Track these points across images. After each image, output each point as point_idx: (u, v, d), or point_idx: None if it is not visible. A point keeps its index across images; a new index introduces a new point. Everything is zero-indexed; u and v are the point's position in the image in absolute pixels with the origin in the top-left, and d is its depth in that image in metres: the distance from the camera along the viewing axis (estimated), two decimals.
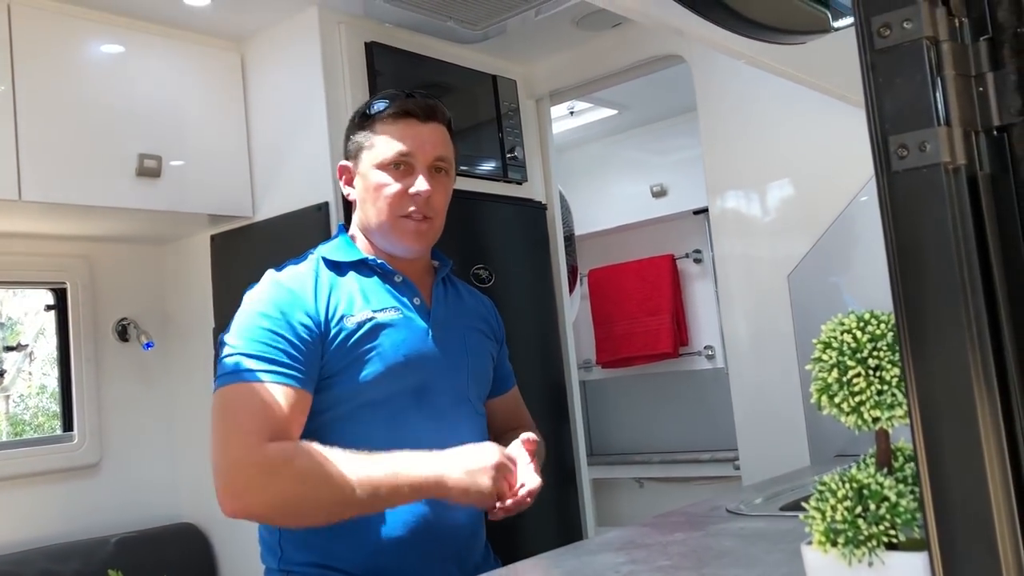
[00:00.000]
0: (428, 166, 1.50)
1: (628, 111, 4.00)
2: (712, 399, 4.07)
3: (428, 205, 1.50)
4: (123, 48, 2.47)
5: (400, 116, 1.51)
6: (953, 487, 0.67)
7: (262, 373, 1.34)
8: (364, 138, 1.53)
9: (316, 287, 1.45)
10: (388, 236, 1.52)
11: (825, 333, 0.81)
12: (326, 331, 1.42)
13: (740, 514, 1.63)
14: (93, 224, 2.63)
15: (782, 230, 2.55)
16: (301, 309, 1.41)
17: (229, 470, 1.31)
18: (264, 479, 1.29)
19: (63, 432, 2.76)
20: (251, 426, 1.31)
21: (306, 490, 1.30)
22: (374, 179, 1.50)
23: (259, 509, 1.32)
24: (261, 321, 1.39)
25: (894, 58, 0.68)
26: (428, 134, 1.51)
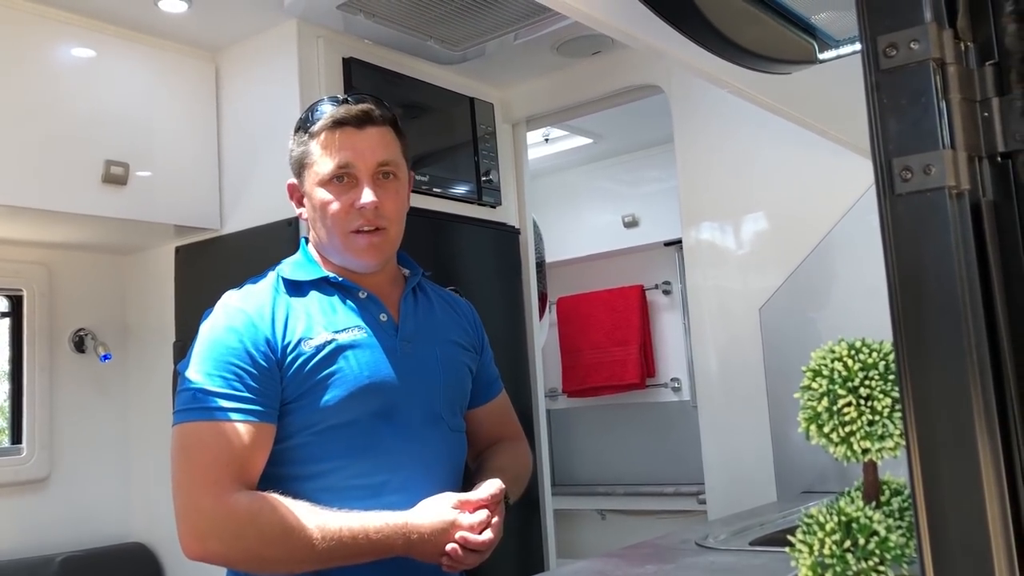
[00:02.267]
0: (371, 175, 1.43)
1: (603, 140, 4.00)
2: (677, 432, 4.06)
3: (378, 215, 1.43)
4: (95, 52, 2.42)
5: (335, 127, 1.43)
6: (951, 520, 0.64)
7: (222, 411, 1.29)
8: (303, 154, 1.46)
9: (273, 311, 1.39)
10: (342, 254, 1.45)
11: (815, 360, 0.79)
12: (283, 358, 1.36)
13: (709, 548, 1.60)
14: (54, 230, 2.56)
15: (755, 263, 2.55)
16: (260, 336, 1.35)
17: (194, 518, 1.27)
18: (229, 533, 1.27)
19: (11, 444, 2.67)
20: (215, 472, 1.27)
21: (270, 551, 1.27)
22: (318, 197, 1.43)
23: (222, 560, 1.30)
24: (218, 352, 1.33)
25: (900, 79, 0.66)
26: (366, 141, 1.43)
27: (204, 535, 1.26)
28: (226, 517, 1.26)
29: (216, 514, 1.26)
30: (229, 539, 1.26)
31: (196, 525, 1.26)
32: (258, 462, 1.31)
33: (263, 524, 1.26)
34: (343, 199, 1.41)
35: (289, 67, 2.43)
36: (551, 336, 4.40)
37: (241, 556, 1.28)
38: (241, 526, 1.26)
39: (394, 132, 1.48)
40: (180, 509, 1.28)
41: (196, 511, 1.26)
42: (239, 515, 1.26)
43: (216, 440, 1.28)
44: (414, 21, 2.43)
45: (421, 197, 2.61)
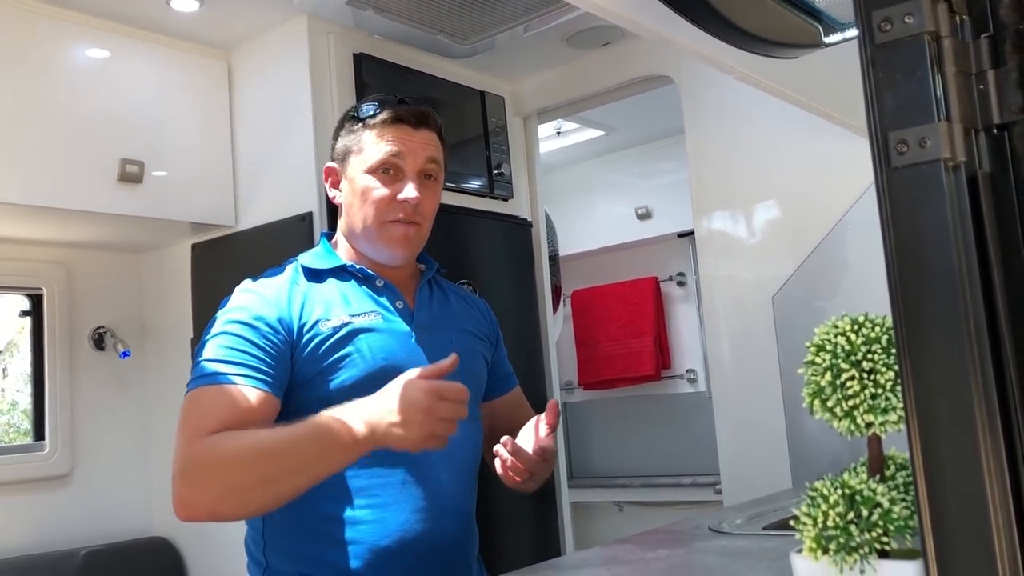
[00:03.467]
0: (418, 172, 1.48)
1: (615, 133, 4.00)
2: (694, 423, 4.06)
3: (416, 211, 1.48)
4: (109, 53, 2.45)
5: (391, 122, 1.48)
6: (950, 491, 0.65)
7: (222, 375, 1.31)
8: (353, 142, 1.50)
9: (291, 293, 1.42)
10: (374, 242, 1.49)
11: (818, 335, 0.80)
12: (298, 337, 1.39)
13: (723, 532, 1.61)
14: (72, 229, 2.59)
15: (767, 251, 2.55)
16: (272, 314, 1.38)
17: (174, 477, 1.27)
18: (197, 475, 1.25)
19: (34, 441, 2.71)
20: (195, 428, 1.27)
21: (241, 472, 1.24)
22: (362, 183, 1.48)
23: (202, 508, 1.26)
24: (228, 327, 1.36)
25: (895, 53, 0.67)
26: (419, 140, 1.49)
27: (181, 488, 1.25)
28: (191, 460, 1.25)
29: (184, 463, 1.25)
30: (198, 479, 1.24)
31: (174, 481, 1.25)
32: (252, 424, 1.29)
33: (223, 451, 1.24)
34: (387, 189, 1.46)
35: (300, 64, 2.45)
36: (566, 329, 4.40)
37: (214, 492, 1.25)
38: (204, 462, 1.24)
39: (440, 139, 1.54)
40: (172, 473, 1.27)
41: (174, 471, 1.26)
42: (202, 453, 1.24)
43: (209, 400, 1.29)
44: (423, 15, 2.44)
45: None
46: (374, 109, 1.49)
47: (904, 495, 0.79)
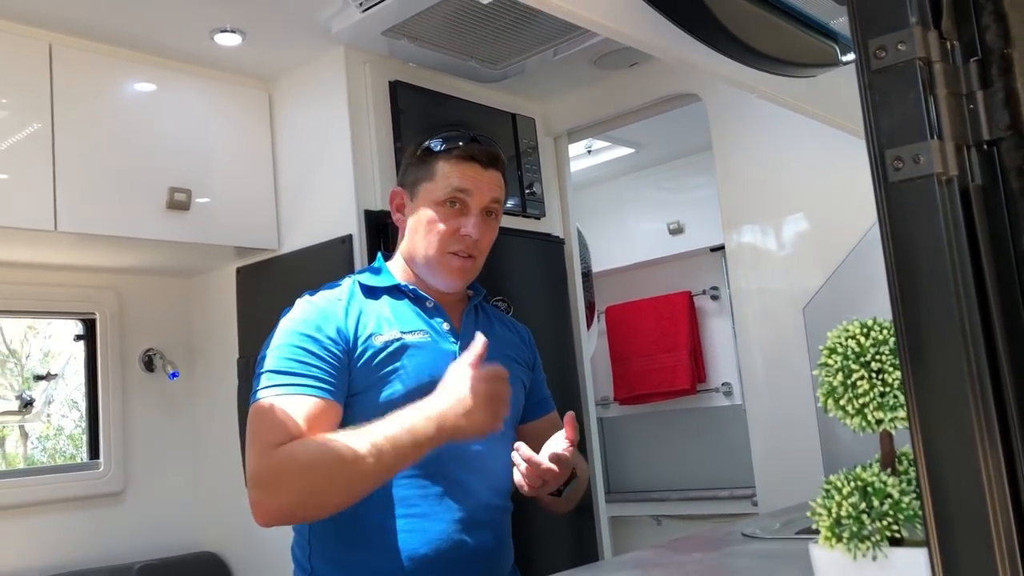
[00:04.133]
0: (481, 209, 1.57)
1: (645, 150, 4.07)
2: (730, 436, 4.08)
3: (475, 246, 1.57)
4: (156, 86, 2.56)
5: (464, 159, 1.57)
6: (949, 482, 0.70)
7: (287, 387, 1.39)
8: (424, 172, 1.58)
9: (348, 307, 1.51)
10: (433, 269, 1.58)
11: (831, 339, 0.86)
12: (354, 347, 1.47)
13: (755, 537, 1.65)
14: (123, 255, 2.71)
15: (797, 264, 2.59)
16: (331, 326, 1.47)
17: (249, 484, 1.35)
18: (276, 481, 1.33)
19: (89, 460, 2.82)
20: (268, 436, 1.36)
21: (315, 478, 1.33)
22: (428, 214, 1.56)
23: (282, 512, 1.35)
24: (290, 339, 1.45)
25: (889, 77, 0.73)
26: (487, 180, 1.58)
27: (259, 495, 1.33)
28: (268, 466, 1.33)
29: (265, 468, 1.34)
30: (278, 484, 1.33)
31: (253, 487, 1.34)
32: (319, 430, 1.37)
33: (301, 457, 1.32)
34: (451, 223, 1.55)
35: (338, 92, 2.55)
36: (601, 345, 4.46)
37: (294, 496, 1.33)
38: (284, 468, 1.32)
39: (504, 179, 1.63)
40: (246, 481, 1.36)
41: (251, 474, 1.35)
42: (281, 460, 1.33)
43: (273, 411, 1.37)
44: (455, 43, 2.53)
45: None
46: (449, 144, 1.57)
47: (915, 488, 0.84)
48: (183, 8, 2.31)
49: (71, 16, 2.32)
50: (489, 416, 1.35)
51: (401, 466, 1.35)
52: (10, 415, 3.15)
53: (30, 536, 2.58)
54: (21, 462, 4.76)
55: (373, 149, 2.53)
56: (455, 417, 1.34)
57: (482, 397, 1.34)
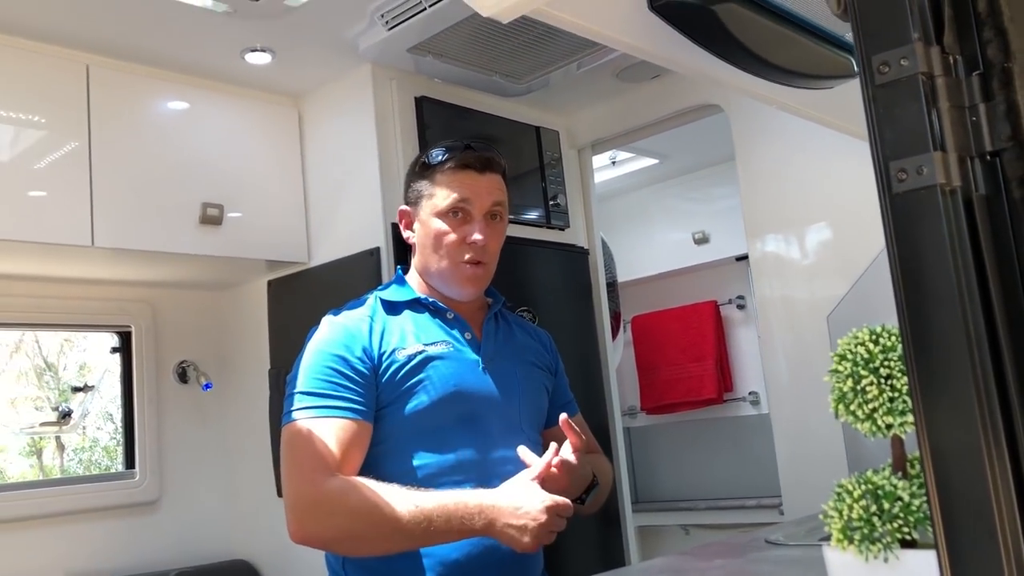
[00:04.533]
0: (484, 214, 1.60)
1: (669, 160, 4.09)
2: (757, 445, 4.07)
3: (484, 251, 1.60)
4: (189, 105, 2.63)
5: (459, 168, 1.61)
6: (957, 490, 0.72)
7: (321, 409, 1.45)
8: (424, 187, 1.63)
9: (371, 324, 1.56)
10: (447, 280, 1.62)
11: (841, 346, 0.88)
12: (379, 364, 1.52)
13: (778, 544, 1.67)
14: (158, 270, 2.77)
15: (821, 272, 2.60)
16: (357, 345, 1.51)
17: (293, 505, 1.42)
18: (322, 515, 1.41)
19: (125, 469, 2.88)
20: (311, 462, 1.42)
21: (360, 525, 1.40)
22: (434, 227, 1.60)
23: (319, 541, 1.44)
24: (320, 359, 1.50)
25: (893, 92, 0.75)
26: (485, 184, 1.61)
27: (302, 518, 1.40)
28: (320, 499, 1.40)
29: (312, 497, 1.40)
30: (323, 518, 1.40)
31: (295, 510, 1.40)
32: (355, 455, 1.45)
33: (352, 502, 1.39)
34: (457, 232, 1.59)
35: (366, 108, 2.61)
36: (627, 354, 4.47)
37: (334, 533, 1.41)
38: (333, 505, 1.39)
39: (504, 180, 1.66)
40: (285, 499, 1.42)
41: (295, 497, 1.41)
42: (331, 496, 1.39)
43: (312, 436, 1.42)
44: (479, 59, 2.57)
45: None
46: (442, 155, 1.62)
47: (926, 491, 0.86)
48: (215, 29, 2.38)
49: (107, 38, 2.39)
50: (537, 542, 1.40)
51: (438, 542, 1.42)
52: (49, 426, 3.23)
53: (68, 544, 2.65)
54: (58, 473, 4.86)
55: (400, 163, 2.58)
56: (505, 526, 1.40)
57: (540, 525, 1.40)
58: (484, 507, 1.40)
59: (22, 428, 3.97)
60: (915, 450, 0.95)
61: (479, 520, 1.39)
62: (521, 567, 1.57)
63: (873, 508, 0.82)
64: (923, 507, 0.82)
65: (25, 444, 4.60)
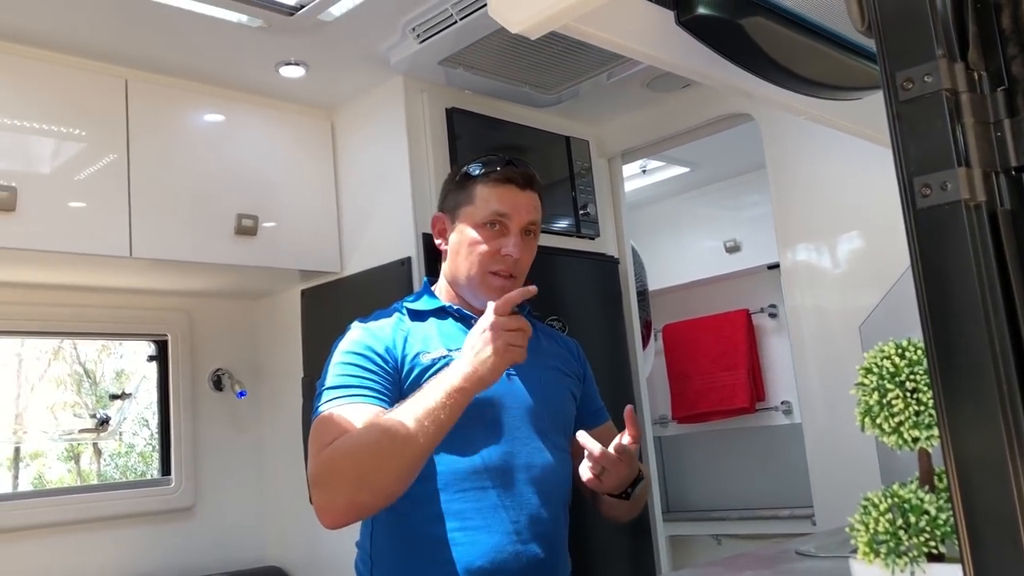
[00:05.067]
0: (520, 229, 1.62)
1: (700, 169, 4.08)
2: (790, 455, 4.04)
3: (515, 265, 1.62)
4: (224, 117, 2.68)
5: (501, 181, 1.63)
6: (982, 504, 0.72)
7: (344, 397, 1.47)
8: (464, 197, 1.65)
9: (395, 330, 1.59)
10: (475, 289, 1.63)
11: (867, 359, 0.88)
12: (402, 366, 1.54)
13: (809, 555, 1.66)
14: (194, 279, 2.82)
15: (853, 282, 2.59)
16: (380, 346, 1.54)
17: (312, 480, 1.43)
18: (328, 474, 1.40)
19: (161, 476, 2.93)
20: (324, 440, 1.43)
21: (363, 457, 1.38)
22: (469, 236, 1.62)
23: (341, 505, 1.40)
24: (344, 358, 1.53)
25: (917, 108, 0.76)
26: (524, 201, 1.63)
27: (318, 496, 1.40)
28: (320, 464, 1.40)
29: (316, 471, 1.41)
30: (329, 479, 1.39)
31: (313, 493, 1.41)
32: None
33: (346, 444, 1.39)
34: (492, 243, 1.60)
35: (397, 120, 2.64)
36: (658, 363, 4.46)
37: (348, 487, 1.39)
38: (334, 459, 1.39)
39: (540, 201, 1.68)
40: (309, 480, 1.43)
41: (310, 477, 1.42)
42: (330, 453, 1.40)
43: (337, 417, 1.44)
44: (510, 70, 2.59)
45: None
46: (485, 168, 1.63)
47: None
48: (250, 43, 2.42)
49: (145, 53, 2.45)
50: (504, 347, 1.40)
51: (444, 427, 1.39)
52: (87, 432, 3.29)
53: (106, 549, 2.70)
54: (95, 478, 4.94)
55: (431, 174, 2.61)
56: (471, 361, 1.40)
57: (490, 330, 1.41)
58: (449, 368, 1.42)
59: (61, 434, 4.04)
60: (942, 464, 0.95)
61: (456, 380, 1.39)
62: (546, 572, 1.57)
63: (899, 521, 0.82)
64: (950, 521, 0.82)
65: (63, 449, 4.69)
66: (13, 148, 2.26)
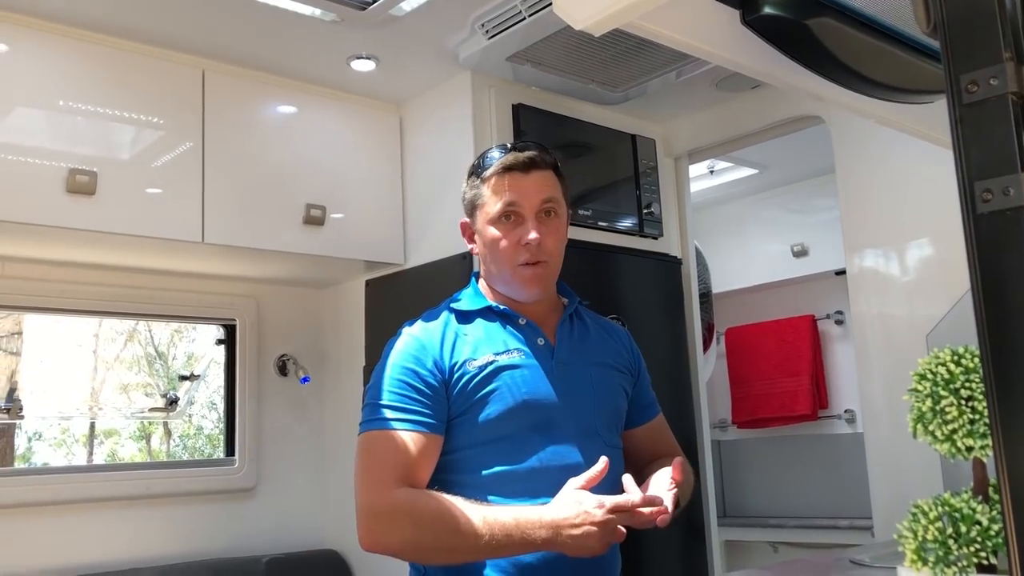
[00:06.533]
0: (535, 213, 1.61)
1: (769, 171, 4.02)
2: (851, 464, 3.97)
3: (541, 250, 1.60)
4: (296, 109, 2.74)
5: (503, 171, 1.62)
6: None
7: (394, 421, 1.50)
8: (476, 196, 1.66)
9: (443, 337, 1.59)
10: (510, 285, 1.64)
11: (921, 365, 0.87)
12: (450, 377, 1.55)
13: (862, 565, 1.64)
14: (263, 266, 2.90)
15: (921, 290, 2.53)
16: (429, 358, 1.55)
17: (362, 513, 1.47)
18: (389, 524, 1.45)
19: (226, 456, 3.01)
20: (382, 473, 1.47)
21: (424, 536, 1.44)
22: (489, 235, 1.62)
23: (386, 549, 1.47)
24: (395, 372, 1.55)
25: (981, 112, 0.75)
26: (530, 183, 1.61)
27: (370, 527, 1.45)
28: (385, 509, 1.44)
29: (378, 507, 1.45)
30: (388, 528, 1.44)
31: (364, 518, 1.45)
32: (424, 466, 1.49)
33: (417, 513, 1.43)
34: (511, 236, 1.60)
35: (464, 115, 2.67)
36: (719, 367, 4.42)
37: (399, 544, 1.45)
38: (397, 516, 1.44)
39: (555, 175, 1.66)
40: (357, 507, 1.48)
41: (365, 506, 1.46)
42: (396, 507, 1.44)
43: (386, 445, 1.48)
44: (577, 67, 2.60)
45: (585, 231, 2.76)
46: (487, 163, 1.64)
47: None
48: (323, 37, 2.48)
49: (223, 45, 2.52)
50: (602, 544, 1.40)
51: (502, 555, 1.44)
52: (157, 411, 3.41)
53: (169, 524, 2.79)
54: (164, 458, 5.11)
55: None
56: (568, 535, 1.40)
57: (601, 523, 1.39)
58: (544, 519, 1.41)
59: (132, 412, 4.19)
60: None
61: (540, 532, 1.40)
62: (596, 571, 1.58)
63: (949, 530, 0.81)
64: (1002, 532, 0.81)
65: (135, 429, 4.86)
66: (95, 134, 2.36)
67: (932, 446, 0.85)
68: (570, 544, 1.40)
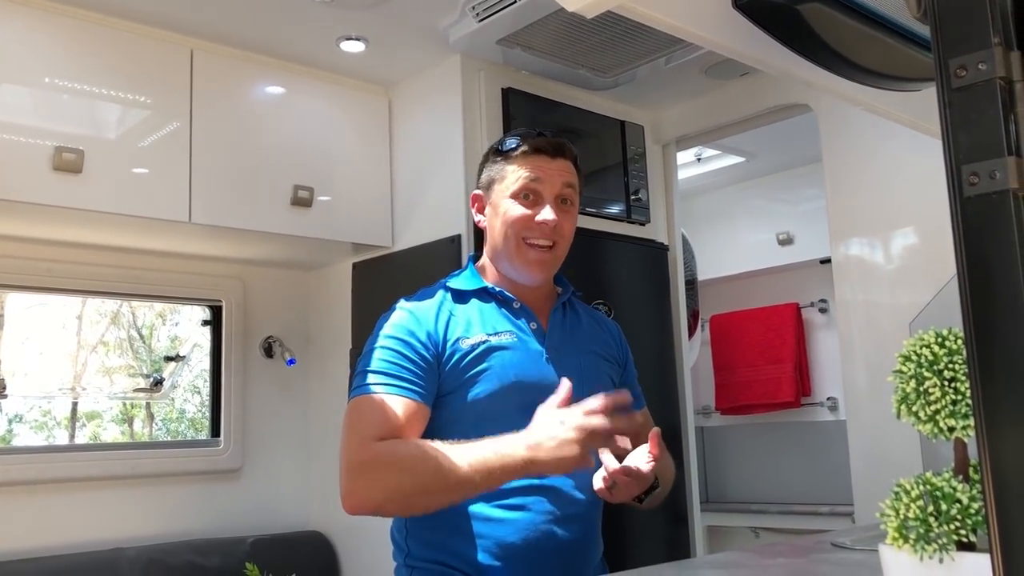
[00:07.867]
0: (555, 196, 1.63)
1: (756, 159, 4.04)
2: (833, 451, 4.00)
3: (555, 231, 1.62)
4: (285, 90, 2.73)
5: (531, 153, 1.64)
6: (1014, 495, 0.72)
7: (382, 386, 1.49)
8: (497, 171, 1.67)
9: (438, 313, 1.60)
10: (513, 262, 1.64)
11: (906, 347, 0.88)
12: (443, 352, 1.56)
13: (843, 547, 1.66)
14: (249, 248, 2.89)
15: (905, 278, 2.55)
16: (423, 331, 1.56)
17: (345, 470, 1.45)
18: (372, 474, 1.43)
19: (211, 437, 3.01)
20: (366, 430, 1.46)
21: (408, 479, 1.42)
22: (504, 207, 1.64)
23: (371, 502, 1.44)
24: (386, 342, 1.55)
25: (969, 96, 0.76)
26: (555, 168, 1.64)
27: (353, 483, 1.42)
28: (368, 458, 1.43)
29: (362, 458, 1.43)
30: (372, 477, 1.42)
31: (348, 473, 1.43)
32: (411, 429, 1.47)
33: (398, 457, 1.42)
34: (527, 210, 1.61)
35: (453, 98, 2.67)
36: (704, 353, 4.44)
37: (383, 493, 1.42)
38: (380, 463, 1.42)
39: (576, 168, 1.68)
40: (340, 468, 1.45)
41: (348, 461, 1.44)
42: (379, 455, 1.42)
43: (373, 406, 1.46)
44: (568, 52, 2.60)
45: None
46: (515, 142, 1.65)
47: None
48: (312, 17, 2.46)
49: (211, 24, 2.50)
50: (582, 450, 1.39)
51: (488, 487, 1.42)
52: (141, 392, 3.39)
53: (154, 505, 2.79)
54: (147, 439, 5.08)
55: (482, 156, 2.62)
56: (547, 449, 1.39)
57: (576, 428, 1.39)
58: (521, 442, 1.40)
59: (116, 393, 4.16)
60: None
61: (519, 453, 1.39)
62: (577, 553, 1.59)
63: (930, 508, 0.83)
64: (982, 511, 0.82)
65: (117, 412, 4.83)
66: (82, 112, 2.34)
67: (915, 427, 0.87)
68: (550, 461, 1.38)
